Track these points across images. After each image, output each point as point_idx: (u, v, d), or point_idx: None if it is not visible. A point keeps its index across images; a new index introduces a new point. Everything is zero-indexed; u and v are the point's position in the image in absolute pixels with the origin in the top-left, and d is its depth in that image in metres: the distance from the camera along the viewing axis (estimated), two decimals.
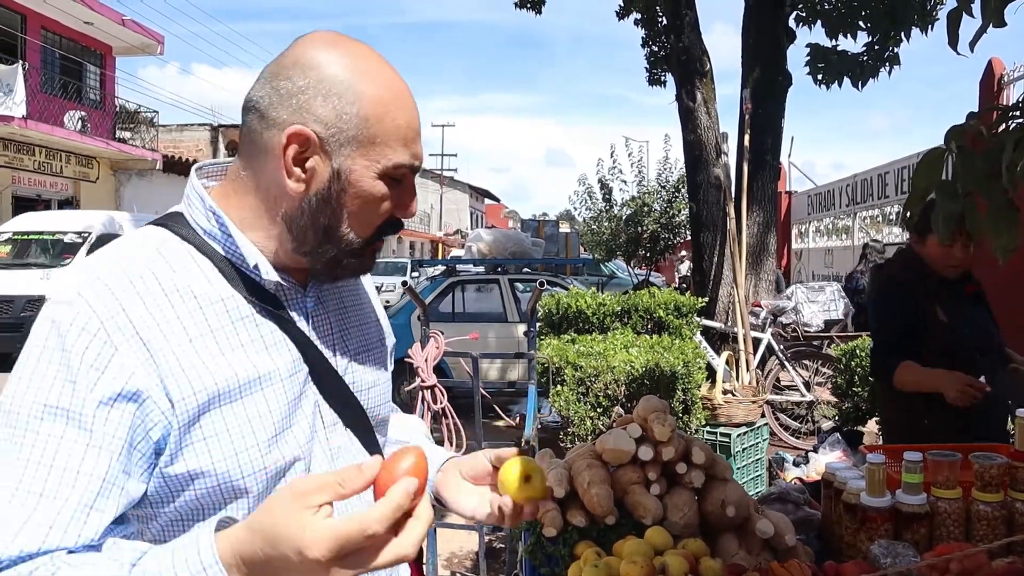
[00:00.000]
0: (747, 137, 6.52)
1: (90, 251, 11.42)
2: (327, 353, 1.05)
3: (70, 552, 0.83)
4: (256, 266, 0.97)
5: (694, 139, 6.91)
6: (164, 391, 0.88)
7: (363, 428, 1.09)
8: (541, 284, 3.63)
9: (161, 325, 0.90)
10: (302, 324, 1.03)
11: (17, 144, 15.91)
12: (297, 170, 0.94)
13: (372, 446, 1.10)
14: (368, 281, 1.24)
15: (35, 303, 10.93)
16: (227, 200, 1.00)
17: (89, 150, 17.69)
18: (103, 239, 11.92)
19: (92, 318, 0.86)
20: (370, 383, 1.12)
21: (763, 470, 4.31)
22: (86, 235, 12.12)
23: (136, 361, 0.87)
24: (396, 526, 0.77)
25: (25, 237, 12.06)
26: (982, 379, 2.65)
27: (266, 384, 0.95)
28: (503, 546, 3.94)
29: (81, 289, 0.89)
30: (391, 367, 1.23)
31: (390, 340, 1.24)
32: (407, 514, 0.79)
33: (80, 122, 17.21)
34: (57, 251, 11.86)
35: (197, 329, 0.92)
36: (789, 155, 14.09)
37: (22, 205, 16.06)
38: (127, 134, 19.74)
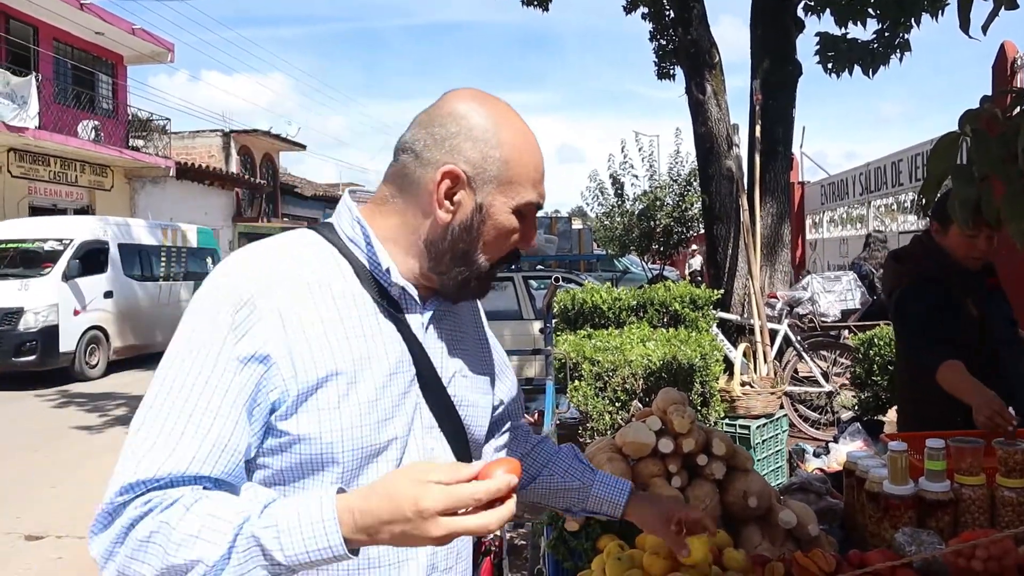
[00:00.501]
0: (758, 128, 6.48)
1: (71, 260, 11.29)
2: (435, 363, 1.18)
3: (211, 481, 0.99)
4: (387, 270, 1.13)
5: (705, 131, 6.88)
6: (290, 360, 1.03)
7: (458, 439, 1.20)
8: (556, 280, 3.64)
9: (297, 306, 1.05)
10: (418, 332, 1.16)
11: (33, 155, 16.08)
12: (447, 202, 1.11)
13: (464, 457, 1.20)
14: (484, 318, 1.41)
15: (13, 316, 10.56)
16: (372, 218, 1.16)
17: (103, 159, 17.84)
18: (85, 247, 11.78)
19: (245, 290, 1.04)
20: (471, 402, 1.23)
21: (783, 462, 4.29)
22: (67, 243, 11.64)
23: (271, 331, 1.02)
24: (488, 506, 0.92)
25: (4, 246, 11.53)
26: (1007, 401, 2.56)
27: (378, 374, 1.09)
28: (524, 542, 3.95)
29: (241, 266, 1.08)
30: (496, 398, 1.35)
31: (502, 376, 1.39)
32: (500, 501, 0.93)
33: (94, 131, 17.35)
34: (37, 260, 11.39)
35: (328, 315, 1.08)
36: (801, 145, 14.00)
37: (39, 215, 16.23)
38: (140, 142, 19.89)
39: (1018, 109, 1.71)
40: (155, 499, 0.95)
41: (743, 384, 4.10)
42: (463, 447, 1.21)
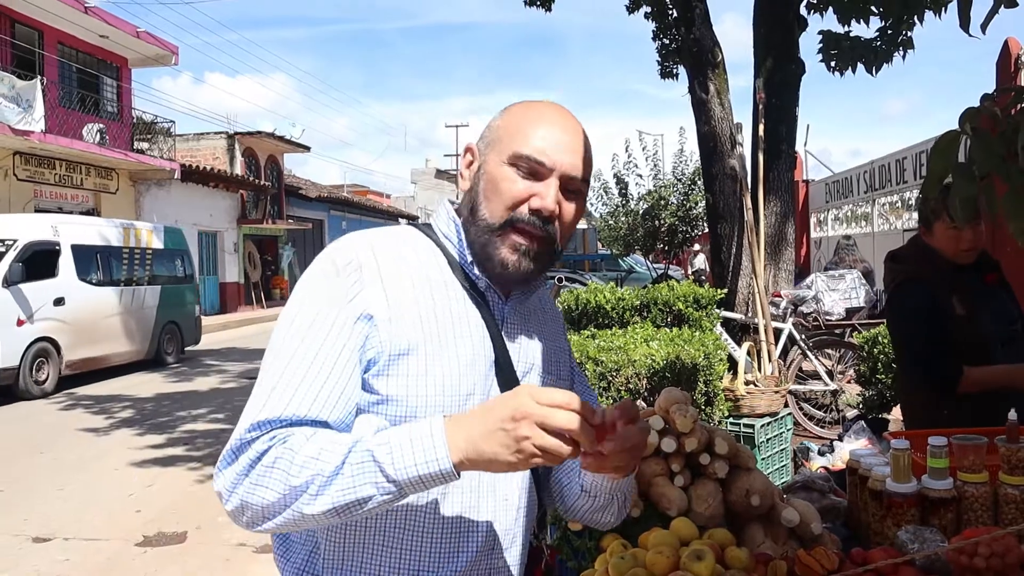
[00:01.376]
0: (762, 127, 6.48)
1: (14, 263, 10.18)
2: (512, 355, 1.26)
3: (328, 426, 1.08)
4: (472, 263, 1.23)
5: (708, 130, 6.88)
6: (388, 324, 1.14)
7: None
8: (560, 281, 3.64)
9: (398, 281, 1.17)
10: (499, 323, 1.26)
11: (38, 158, 16.15)
12: (466, 172, 1.27)
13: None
14: (561, 323, 1.48)
15: None
16: (461, 215, 1.29)
17: (108, 162, 17.91)
18: (32, 248, 10.65)
19: (356, 261, 1.17)
20: None
21: (788, 460, 4.29)
22: (10, 244, 10.50)
23: (376, 298, 1.14)
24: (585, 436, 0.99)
25: None
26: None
27: (463, 354, 1.19)
28: None
29: (353, 242, 1.21)
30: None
31: (576, 388, 1.43)
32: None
33: (99, 134, 17.41)
34: None
35: (422, 294, 1.19)
36: (805, 144, 13.98)
37: None
38: (145, 145, 19.95)
39: (1018, 107, 1.71)
40: (280, 434, 1.04)
41: (747, 383, 4.10)
42: None
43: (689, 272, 21.04)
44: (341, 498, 0.99)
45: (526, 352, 1.30)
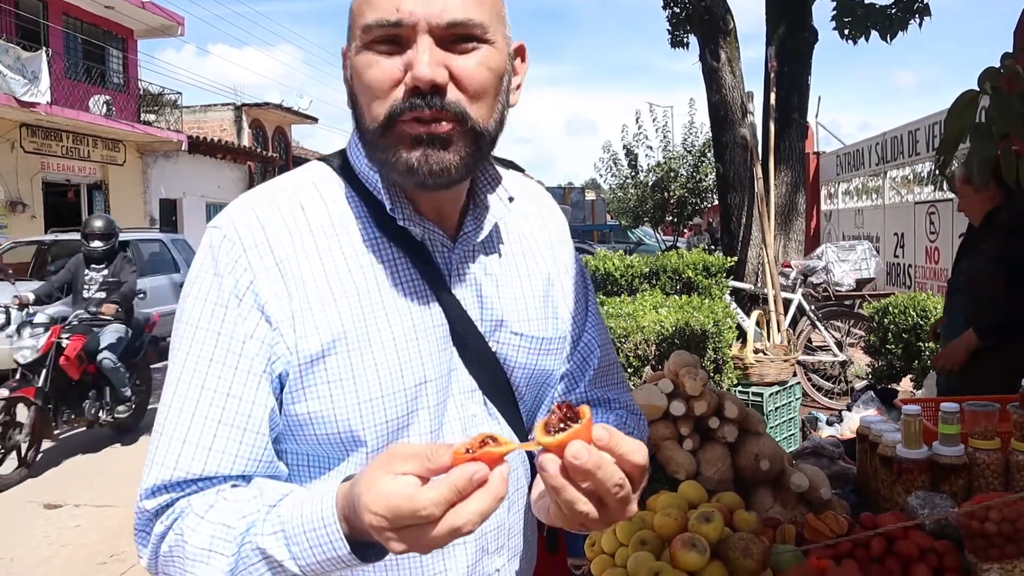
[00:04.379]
0: (773, 95, 6.39)
1: None
2: (472, 314, 0.98)
3: (224, 481, 0.87)
4: (395, 206, 0.94)
5: (719, 99, 6.80)
6: (292, 325, 0.89)
7: (505, 402, 1.02)
8: None
9: (301, 258, 0.91)
10: (448, 278, 0.98)
11: (45, 130, 16.10)
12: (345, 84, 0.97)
13: (516, 425, 1.02)
14: (567, 259, 1.14)
15: None
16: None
17: (115, 133, 17.84)
18: None
19: (237, 242, 0.89)
20: (521, 363, 1.03)
21: (796, 430, 4.28)
22: None
23: (272, 290, 0.89)
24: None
25: None
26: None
27: (399, 334, 0.92)
28: None
29: (233, 216, 0.92)
30: (560, 358, 1.09)
31: (578, 330, 1.12)
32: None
33: (105, 106, 17.33)
34: None
35: (335, 267, 0.92)
36: (816, 115, 13.80)
37: (52, 190, 16.30)
38: (152, 116, 19.87)
39: None
40: (176, 508, 0.85)
41: (756, 351, 4.09)
42: (511, 409, 1.02)
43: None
44: None
45: (491, 305, 1.00)
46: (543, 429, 0.75)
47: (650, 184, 18.38)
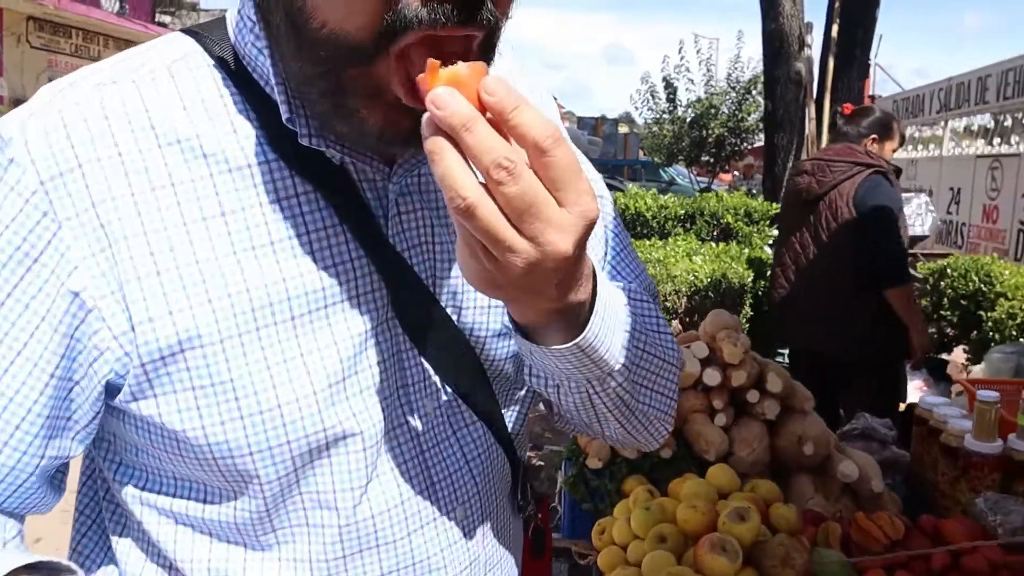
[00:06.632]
0: (835, 28, 5.89)
1: None
2: (422, 271, 0.68)
3: None
4: (292, 121, 0.60)
5: (775, 28, 6.29)
6: (123, 304, 0.59)
7: (478, 391, 0.73)
8: None
9: (139, 196, 0.59)
10: (383, 223, 0.67)
11: (53, 25, 15.71)
12: None
13: (494, 418, 0.75)
14: None
15: None
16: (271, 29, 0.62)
17: (128, 34, 17.39)
18: None
19: (28, 173, 0.58)
20: (494, 330, 0.73)
21: None
22: None
23: (83, 251, 0.58)
24: None
25: None
26: None
27: (309, 308, 0.63)
28: (542, 464, 3.76)
29: (27, 123, 0.59)
30: None
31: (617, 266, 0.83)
32: None
33: (118, 4, 16.91)
34: None
35: (199, 209, 0.60)
36: (875, 55, 13.00)
37: None
38: (168, 18, 19.38)
39: None
40: None
41: None
42: (488, 404, 0.74)
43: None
44: None
45: (446, 256, 0.70)
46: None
47: (688, 120, 17.77)
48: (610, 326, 0.63)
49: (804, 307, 3.01)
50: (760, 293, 3.94)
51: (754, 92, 16.52)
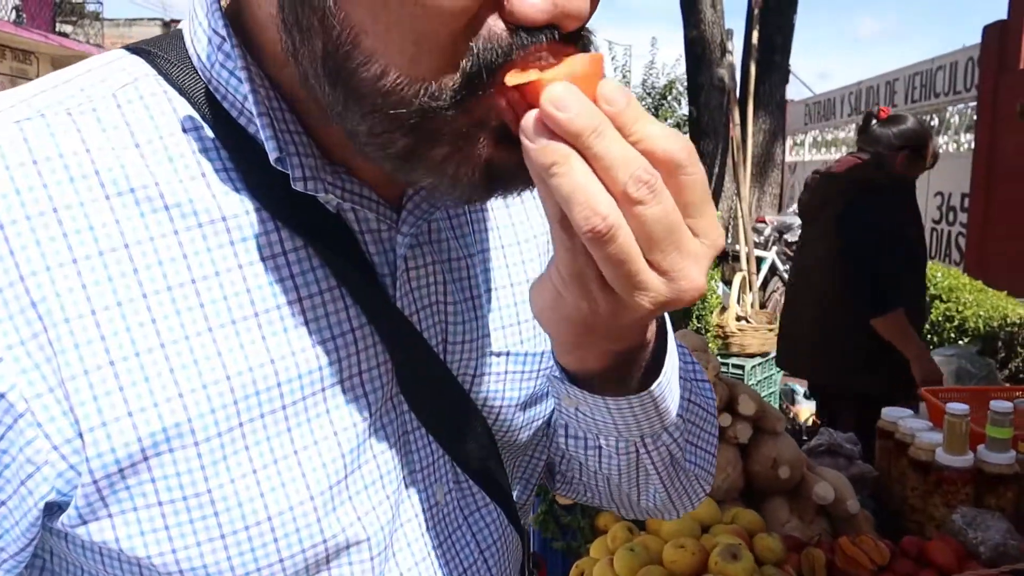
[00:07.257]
0: (756, 34, 5.98)
1: None
2: (431, 337, 0.56)
3: None
4: (281, 162, 0.47)
5: (697, 35, 6.36)
6: (66, 405, 0.44)
7: (491, 471, 0.62)
8: None
9: (82, 265, 0.45)
10: (394, 284, 0.54)
11: None
12: None
13: (506, 499, 0.63)
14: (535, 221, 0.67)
15: None
16: (255, 24, 0.49)
17: (26, 44, 16.48)
18: None
19: None
20: (509, 399, 0.62)
21: (777, 403, 4.00)
22: None
23: (9, 338, 0.43)
24: None
25: None
26: None
27: (303, 394, 0.50)
28: None
29: None
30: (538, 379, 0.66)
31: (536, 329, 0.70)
32: None
33: (14, 12, 16.00)
34: None
35: (162, 277, 0.46)
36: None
37: None
38: (69, 28, 18.49)
39: None
40: None
41: (738, 319, 3.75)
42: (502, 483, 0.63)
43: None
44: None
45: (461, 317, 0.59)
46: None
47: None
48: (675, 367, 0.54)
49: (803, 334, 2.84)
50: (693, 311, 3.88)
51: (669, 98, 16.84)
